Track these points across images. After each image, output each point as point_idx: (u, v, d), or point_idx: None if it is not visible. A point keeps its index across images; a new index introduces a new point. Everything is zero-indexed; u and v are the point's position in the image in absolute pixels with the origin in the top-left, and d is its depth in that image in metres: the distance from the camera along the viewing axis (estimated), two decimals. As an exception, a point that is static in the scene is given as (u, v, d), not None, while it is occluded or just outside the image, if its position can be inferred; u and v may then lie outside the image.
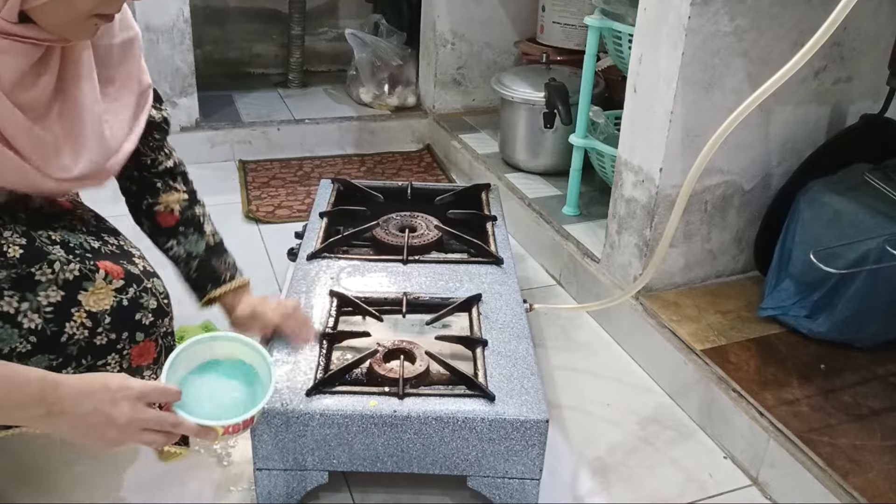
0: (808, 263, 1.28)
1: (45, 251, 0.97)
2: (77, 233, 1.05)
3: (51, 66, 0.92)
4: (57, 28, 0.87)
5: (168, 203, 1.17)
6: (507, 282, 1.38)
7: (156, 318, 1.06)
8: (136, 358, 1.05)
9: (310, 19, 2.90)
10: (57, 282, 0.96)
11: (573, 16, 2.29)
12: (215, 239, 1.21)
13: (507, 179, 2.11)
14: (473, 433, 1.06)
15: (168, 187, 1.18)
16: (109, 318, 1.00)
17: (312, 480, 1.10)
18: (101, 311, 0.99)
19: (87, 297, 0.98)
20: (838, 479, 1.11)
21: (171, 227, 1.18)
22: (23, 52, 0.87)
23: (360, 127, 2.58)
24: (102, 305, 1.00)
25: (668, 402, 1.43)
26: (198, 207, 1.20)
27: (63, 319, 0.97)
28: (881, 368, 1.33)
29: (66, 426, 0.85)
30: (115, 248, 1.09)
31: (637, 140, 1.49)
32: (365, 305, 1.27)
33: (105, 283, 1.00)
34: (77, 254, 1.00)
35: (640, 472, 1.26)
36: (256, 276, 1.30)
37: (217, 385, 0.96)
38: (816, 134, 1.54)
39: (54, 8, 0.84)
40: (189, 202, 1.19)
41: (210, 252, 1.19)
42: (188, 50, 2.26)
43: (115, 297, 1.01)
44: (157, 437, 0.89)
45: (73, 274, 0.98)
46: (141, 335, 1.04)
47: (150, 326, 1.06)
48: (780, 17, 1.37)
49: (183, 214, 1.18)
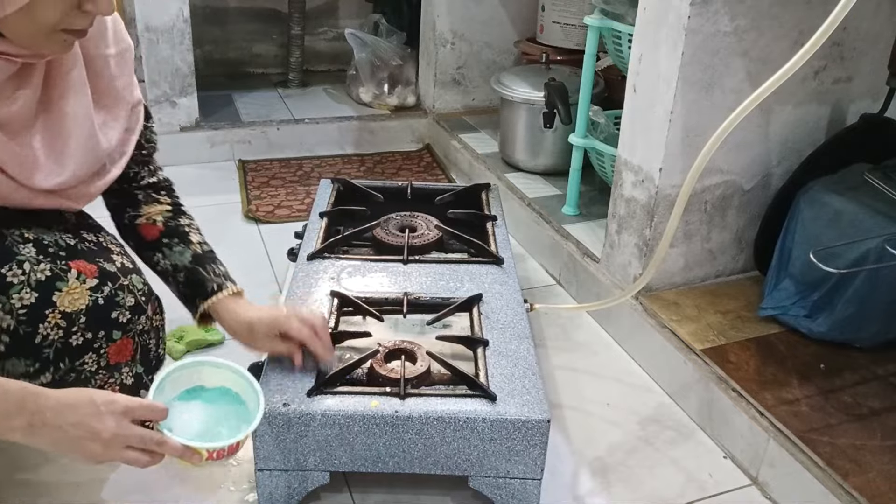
0: (807, 263, 1.28)
1: (14, 251, 0.96)
2: (53, 230, 1.03)
3: (32, 81, 0.91)
4: (25, 42, 0.86)
5: (150, 214, 1.15)
6: (507, 282, 1.38)
7: (133, 315, 1.05)
8: (113, 356, 1.04)
9: (310, 19, 2.90)
10: (29, 283, 0.95)
11: (573, 15, 2.29)
12: (203, 249, 1.15)
13: (506, 179, 2.11)
14: (475, 433, 1.06)
15: (150, 199, 1.16)
16: (85, 317, 0.99)
17: (314, 481, 1.10)
18: (75, 311, 0.98)
19: (61, 298, 0.97)
20: (838, 479, 1.11)
21: (155, 240, 1.14)
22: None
23: (360, 127, 2.58)
24: (77, 305, 0.98)
25: (668, 402, 1.43)
26: (183, 218, 1.17)
27: (37, 321, 0.95)
28: (881, 368, 1.33)
29: (47, 439, 0.83)
30: (92, 244, 1.06)
31: (637, 140, 1.49)
32: (365, 305, 1.27)
33: (78, 282, 0.99)
34: (50, 252, 0.99)
35: (640, 471, 1.26)
36: (256, 277, 1.30)
37: (203, 411, 0.96)
38: (816, 134, 1.54)
39: (18, 21, 0.83)
40: (173, 213, 1.16)
41: (197, 261, 1.13)
42: (188, 50, 2.26)
43: (91, 296, 1.00)
44: (140, 455, 0.87)
45: (44, 274, 0.96)
46: (118, 333, 1.03)
47: (128, 324, 1.04)
48: (779, 16, 1.37)
49: (167, 225, 1.15)
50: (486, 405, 1.07)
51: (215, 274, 1.13)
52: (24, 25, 0.84)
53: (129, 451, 0.86)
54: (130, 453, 0.86)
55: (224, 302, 1.11)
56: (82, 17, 0.86)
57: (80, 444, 0.84)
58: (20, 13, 0.82)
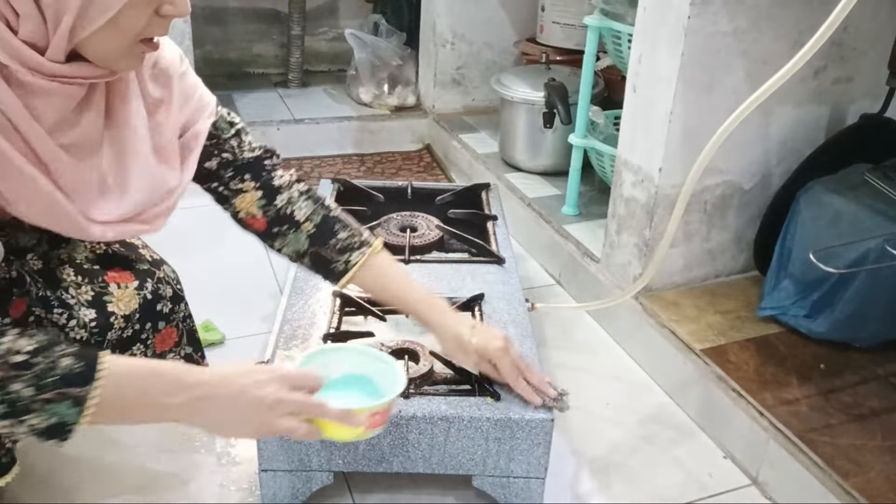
0: (807, 263, 1.28)
1: (60, 277, 1.00)
2: (78, 249, 1.06)
3: (94, 103, 0.88)
4: (106, 59, 0.83)
5: (244, 208, 1.08)
6: (508, 281, 1.38)
7: (174, 305, 1.10)
8: (159, 345, 1.09)
9: (310, 19, 2.90)
10: (81, 303, 1.00)
11: (573, 16, 2.29)
12: (314, 223, 1.08)
13: (506, 179, 2.11)
14: (479, 433, 1.06)
15: (236, 192, 1.08)
16: (139, 315, 1.04)
17: (317, 481, 1.11)
18: (132, 312, 1.04)
19: (114, 306, 1.02)
20: (838, 479, 1.11)
21: (266, 231, 1.09)
22: (67, 94, 0.83)
23: (360, 127, 2.58)
24: (132, 307, 1.04)
25: (668, 402, 1.43)
26: (280, 197, 1.08)
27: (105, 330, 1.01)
28: (881, 368, 1.34)
29: (213, 412, 0.82)
30: (119, 245, 1.11)
31: (636, 140, 1.49)
32: (368, 305, 1.27)
33: (121, 290, 1.04)
34: (85, 269, 1.03)
35: (641, 471, 1.27)
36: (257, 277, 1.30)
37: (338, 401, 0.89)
38: (816, 134, 1.54)
39: (104, 36, 0.80)
40: (266, 197, 1.07)
41: (314, 243, 1.08)
42: (188, 50, 2.26)
43: (139, 294, 1.05)
44: (301, 424, 0.85)
45: (89, 296, 1.01)
46: (162, 323, 1.09)
47: (170, 313, 1.10)
48: (779, 16, 1.38)
49: (267, 214, 1.08)
50: (489, 404, 1.07)
51: (339, 251, 1.08)
52: (109, 39, 0.81)
53: (290, 420, 0.85)
54: (292, 421, 0.85)
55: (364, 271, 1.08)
56: (161, 24, 0.83)
57: (245, 415, 0.83)
58: (106, 27, 0.79)
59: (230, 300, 1.62)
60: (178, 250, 1.28)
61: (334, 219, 1.10)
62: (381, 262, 1.10)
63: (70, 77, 0.82)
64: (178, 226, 1.42)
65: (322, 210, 1.10)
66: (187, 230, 1.33)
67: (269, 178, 1.09)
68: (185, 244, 1.71)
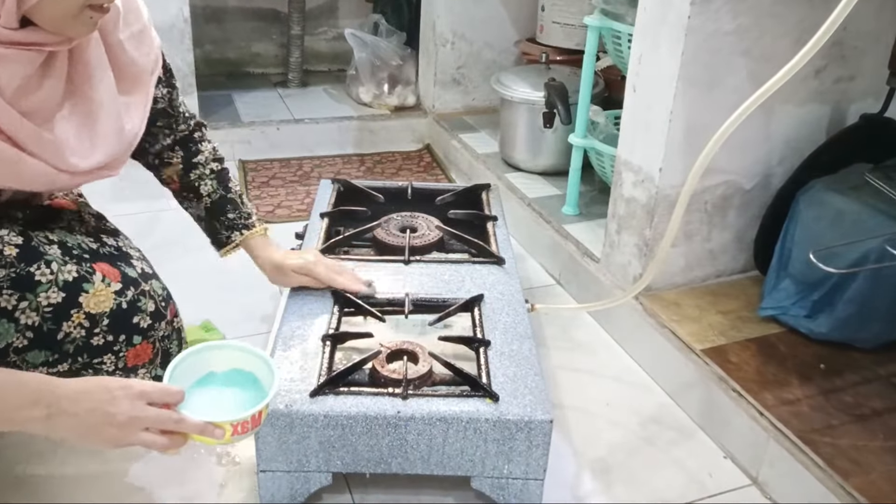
0: (807, 263, 1.28)
1: (42, 251, 0.98)
2: (75, 233, 1.06)
3: (56, 70, 0.92)
4: (55, 24, 0.87)
5: (168, 174, 1.25)
6: (508, 282, 1.38)
7: (153, 321, 1.07)
8: (131, 359, 1.06)
9: (309, 19, 2.90)
10: (57, 282, 0.97)
11: (573, 16, 2.29)
12: (212, 199, 1.26)
13: (506, 179, 2.11)
14: (478, 434, 1.06)
15: (164, 163, 1.24)
16: (108, 320, 1.01)
17: (316, 482, 1.10)
18: (100, 314, 1.01)
19: (87, 299, 1.00)
20: (839, 480, 1.11)
21: (177, 192, 1.27)
22: (26, 59, 0.87)
23: (360, 126, 2.58)
24: (102, 307, 1.01)
25: (669, 402, 1.43)
26: (193, 172, 1.25)
27: (61, 319, 0.98)
28: (882, 369, 1.33)
29: (65, 426, 0.84)
30: (113, 249, 1.10)
31: (637, 140, 1.49)
32: (367, 306, 1.27)
33: (104, 285, 1.01)
34: (74, 255, 1.01)
35: (641, 471, 1.26)
36: (256, 277, 1.31)
37: (219, 394, 0.94)
38: (817, 133, 1.54)
39: (51, 2, 0.85)
40: (185, 169, 1.24)
41: (209, 215, 1.26)
42: (188, 50, 2.26)
43: (115, 299, 1.02)
44: (158, 438, 0.86)
45: (70, 275, 0.99)
46: (138, 338, 1.06)
47: (148, 329, 1.07)
48: (781, 15, 1.37)
49: (182, 182, 1.25)
50: (488, 405, 1.07)
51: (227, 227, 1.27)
52: (57, 5, 0.85)
53: (146, 434, 0.85)
54: (148, 436, 0.85)
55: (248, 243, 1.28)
56: None
57: (97, 430, 0.84)
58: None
59: (230, 300, 1.62)
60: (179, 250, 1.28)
61: (230, 199, 1.27)
62: (255, 243, 1.28)
63: (25, 43, 0.86)
64: (179, 226, 1.43)
65: (221, 190, 1.27)
66: (187, 230, 1.33)
67: (193, 153, 1.25)
68: (185, 244, 1.72)
